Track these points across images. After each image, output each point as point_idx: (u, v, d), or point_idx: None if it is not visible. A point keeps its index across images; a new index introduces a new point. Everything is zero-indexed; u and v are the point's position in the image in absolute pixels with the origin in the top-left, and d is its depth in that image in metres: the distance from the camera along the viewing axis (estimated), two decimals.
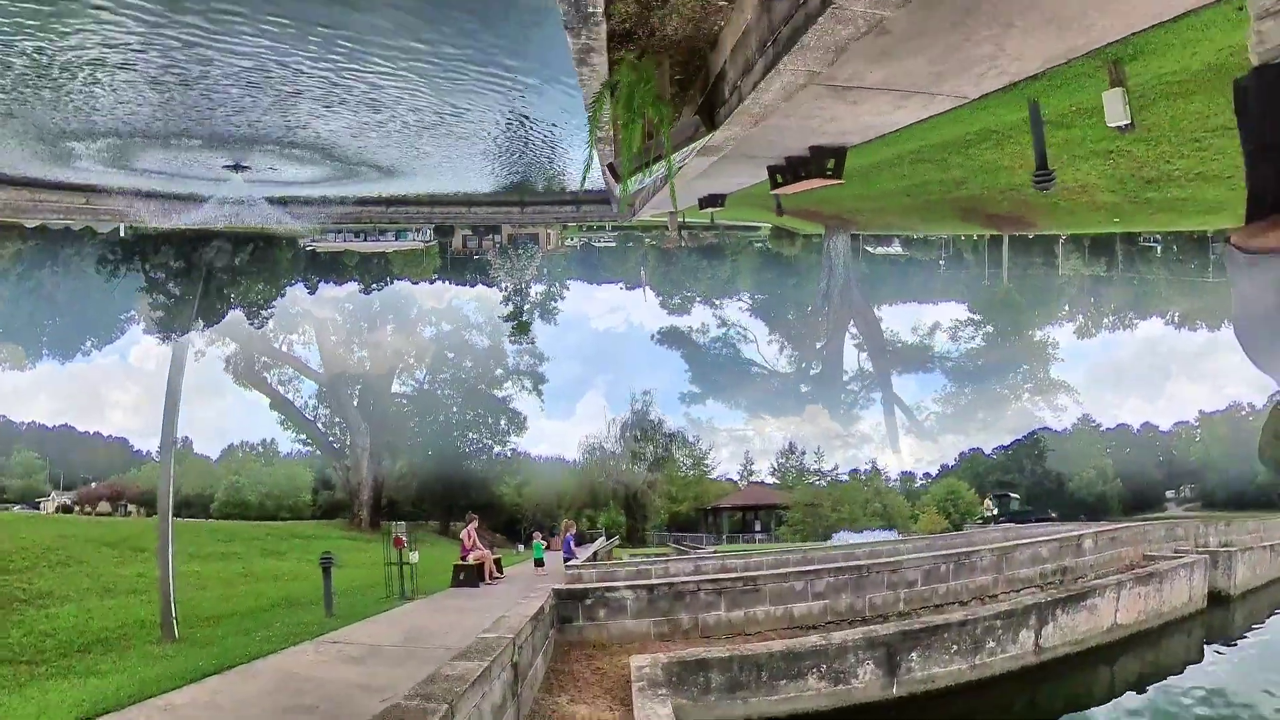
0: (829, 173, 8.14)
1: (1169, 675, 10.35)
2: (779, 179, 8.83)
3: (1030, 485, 46.77)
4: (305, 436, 50.81)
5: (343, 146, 12.13)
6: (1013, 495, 45.66)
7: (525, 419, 49.87)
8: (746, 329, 49.46)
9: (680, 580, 9.45)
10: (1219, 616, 13.50)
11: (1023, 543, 12.70)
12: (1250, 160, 0.75)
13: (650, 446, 46.23)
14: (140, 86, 9.72)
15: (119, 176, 14.22)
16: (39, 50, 9.32)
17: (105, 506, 42.12)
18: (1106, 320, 52.08)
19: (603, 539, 29.50)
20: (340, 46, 9.20)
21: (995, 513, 41.94)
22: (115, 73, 9.90)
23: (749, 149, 7.37)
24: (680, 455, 47.49)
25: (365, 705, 5.19)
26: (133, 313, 46.45)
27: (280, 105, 10.14)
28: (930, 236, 43.64)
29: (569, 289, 49.23)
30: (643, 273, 49.58)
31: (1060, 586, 11.91)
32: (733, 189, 12.46)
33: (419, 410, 49.83)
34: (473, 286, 49.88)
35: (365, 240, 39.29)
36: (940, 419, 48.13)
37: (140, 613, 11.72)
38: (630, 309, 58.83)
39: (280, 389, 50.27)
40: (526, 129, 13.35)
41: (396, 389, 51.43)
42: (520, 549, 31.41)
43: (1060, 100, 6.51)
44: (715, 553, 26.07)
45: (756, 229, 36.33)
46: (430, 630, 8.50)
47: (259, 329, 47.59)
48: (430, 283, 49.49)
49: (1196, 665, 11.02)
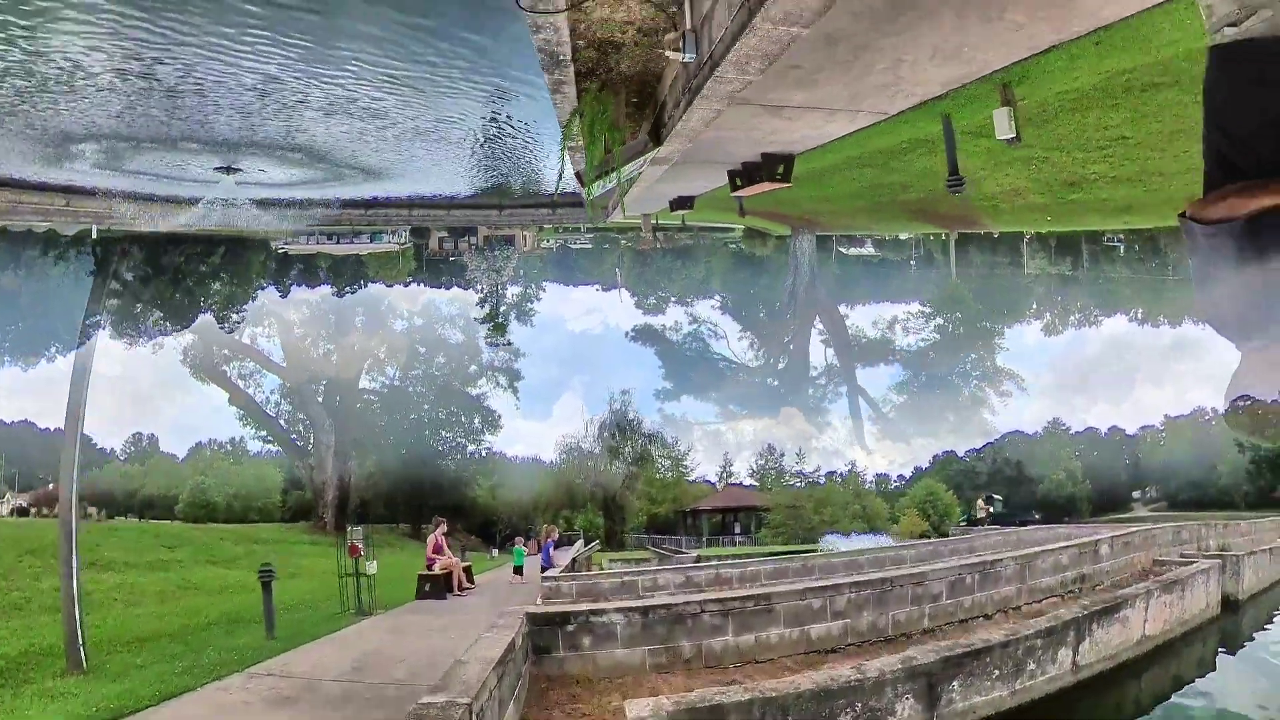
0: (779, 177, 9.20)
1: (1188, 686, 10.08)
2: (737, 182, 9.89)
3: (1004, 487, 48.57)
4: (266, 433, 48.74)
5: (332, 150, 12.82)
6: (996, 498, 47.43)
7: (500, 417, 49.10)
8: (717, 325, 51.35)
9: (681, 602, 8.01)
10: (1230, 622, 13.34)
11: (1045, 549, 11.95)
12: (1206, 135, 0.81)
13: (629, 445, 46.34)
14: (119, 93, 10.39)
15: (101, 178, 14.73)
16: (34, 54, 9.99)
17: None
18: (1073, 318, 54.36)
19: (580, 542, 28.52)
20: (329, 56, 10.00)
21: (991, 513, 42.68)
22: (99, 78, 10.57)
23: (707, 156, 8.36)
24: (659, 455, 47.84)
25: None
26: (98, 317, 45.96)
27: (277, 112, 10.88)
28: (901, 237, 45.68)
29: (545, 290, 49.70)
30: (618, 274, 50.56)
31: (1080, 596, 11.47)
32: (699, 191, 13.49)
33: (389, 407, 48.45)
34: (448, 289, 49.78)
35: (338, 242, 39.22)
36: (900, 409, 50.51)
37: (50, 636, 9.92)
38: (606, 311, 59.88)
39: (241, 383, 48.21)
40: (505, 132, 14.13)
41: (365, 385, 49.84)
42: (494, 554, 30.70)
43: (972, 114, 7.58)
44: (700, 559, 25.13)
45: (730, 230, 37.51)
46: (384, 656, 7.64)
47: (230, 332, 47.26)
48: (405, 285, 48.80)
49: (1214, 674, 10.79)
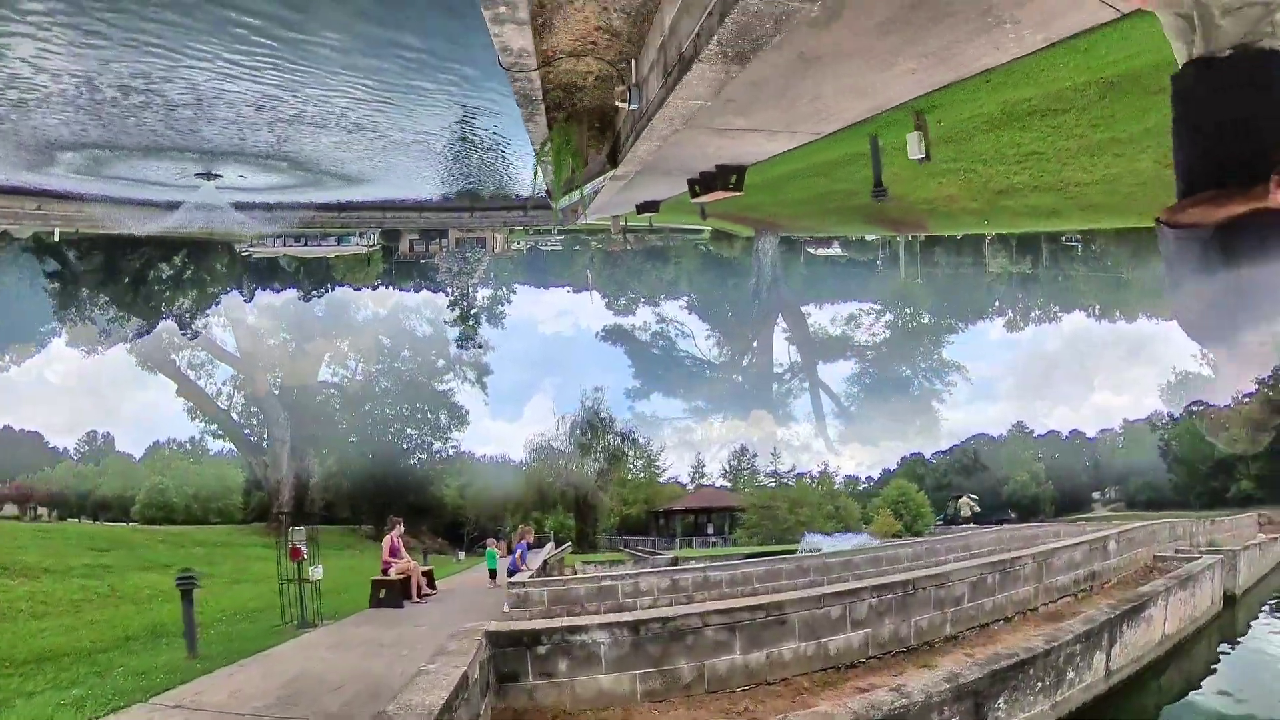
0: (732, 186, 10.25)
1: (1200, 683, 10.22)
2: (696, 190, 10.94)
3: (973, 489, 50.58)
4: (217, 427, 47.21)
5: (316, 159, 13.49)
6: (972, 496, 49.35)
7: (467, 414, 48.26)
8: (684, 325, 53.52)
9: (679, 615, 6.84)
10: (1228, 618, 13.60)
11: (1061, 546, 11.67)
12: (1176, 144, 0.89)
13: (601, 443, 46.15)
14: (122, 107, 11.05)
15: (79, 182, 15.19)
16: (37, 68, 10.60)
17: (11, 509, 38.49)
18: (1034, 315, 57.04)
19: (551, 545, 27.85)
20: (319, 74, 10.72)
21: (975, 512, 43.66)
22: (101, 91, 11.20)
23: (667, 168, 9.38)
24: (631, 455, 48.20)
25: None
26: (54, 325, 44.92)
27: (271, 124, 11.59)
28: (868, 239, 47.66)
29: (516, 293, 50.24)
30: (589, 276, 51.50)
31: (1091, 594, 11.42)
32: (663, 197, 14.53)
33: (350, 402, 46.77)
34: (417, 292, 49.43)
35: (305, 245, 39.20)
36: (860, 403, 53.39)
37: None
38: (578, 313, 60.93)
39: (190, 373, 46.36)
40: (477, 138, 14.87)
41: (325, 377, 47.96)
42: (461, 556, 29.71)
43: (897, 134, 8.72)
44: (677, 560, 24.32)
45: (699, 232, 38.72)
46: (320, 680, 6.67)
47: (192, 338, 46.53)
48: (373, 288, 48.23)
49: (1219, 668, 10.95)
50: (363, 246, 40.34)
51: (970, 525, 38.18)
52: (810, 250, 50.35)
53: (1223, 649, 12.01)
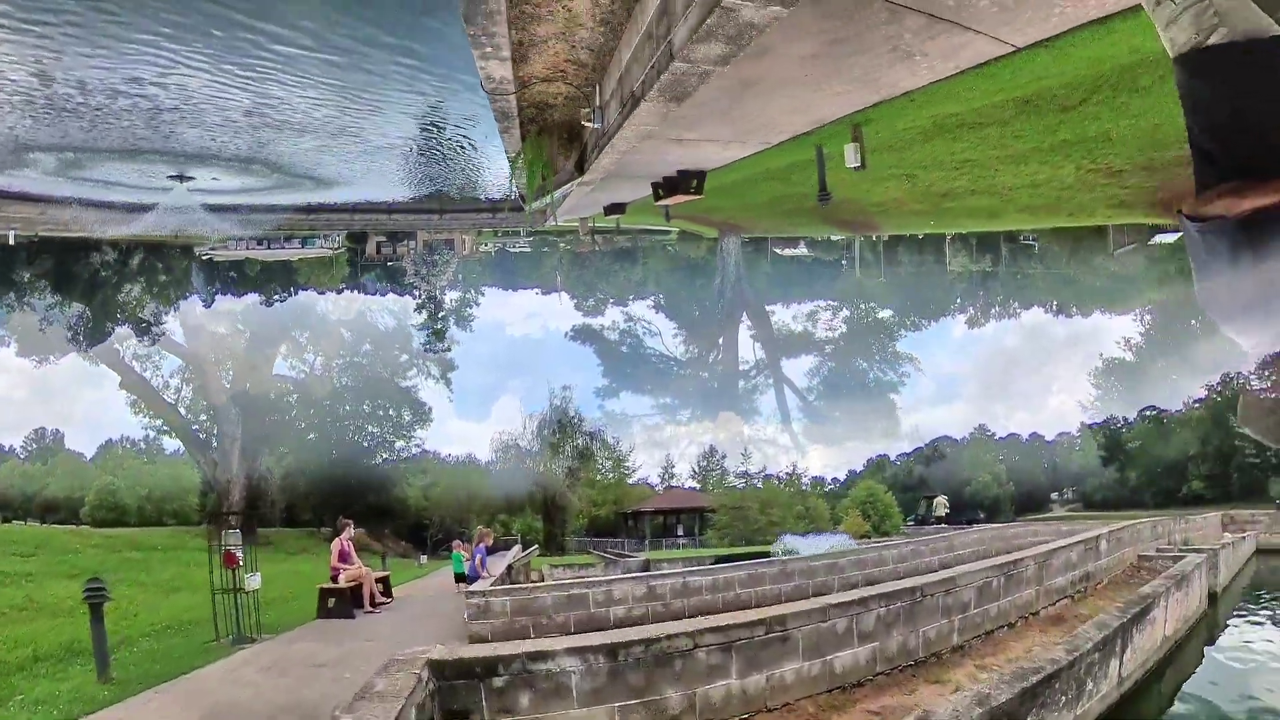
0: (693, 190, 11.15)
1: (1184, 684, 10.21)
2: (659, 193, 11.81)
3: (938, 489, 52.50)
4: (162, 422, 45.18)
5: (293, 162, 13.96)
6: (944, 497, 51.17)
7: (431, 410, 47.22)
8: (651, 324, 54.99)
9: (665, 635, 5.94)
10: (1212, 616, 13.86)
11: (1058, 547, 11.49)
12: (1191, 137, 0.86)
13: (570, 442, 45.96)
14: (110, 112, 11.46)
15: (48, 184, 15.40)
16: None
17: None
18: (994, 310, 59.63)
19: (518, 547, 27.04)
20: (267, 71, 11.11)
21: (946, 513, 44.89)
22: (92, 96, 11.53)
23: (632, 172, 10.21)
24: (600, 455, 48.33)
25: None
26: (2, 332, 43.65)
27: (256, 129, 12.06)
28: (834, 239, 49.43)
29: (484, 295, 50.43)
30: (558, 277, 52.19)
31: (1086, 595, 11.40)
32: (629, 199, 15.38)
33: (307, 397, 44.80)
34: (384, 295, 49.31)
35: (268, 248, 38.76)
36: (822, 395, 55.95)
37: None
38: (547, 315, 61.51)
39: (136, 365, 43.85)
40: (447, 140, 15.39)
41: (280, 370, 45.94)
42: (423, 560, 29.28)
43: (841, 144, 9.71)
44: (649, 563, 23.72)
45: (667, 233, 39.71)
46: (244, 713, 6.01)
47: (150, 345, 45.45)
48: (338, 292, 47.33)
49: (1205, 666, 11.03)
50: (328, 249, 40.02)
51: (943, 525, 39.31)
52: (777, 250, 51.84)
53: (1209, 647, 12.12)
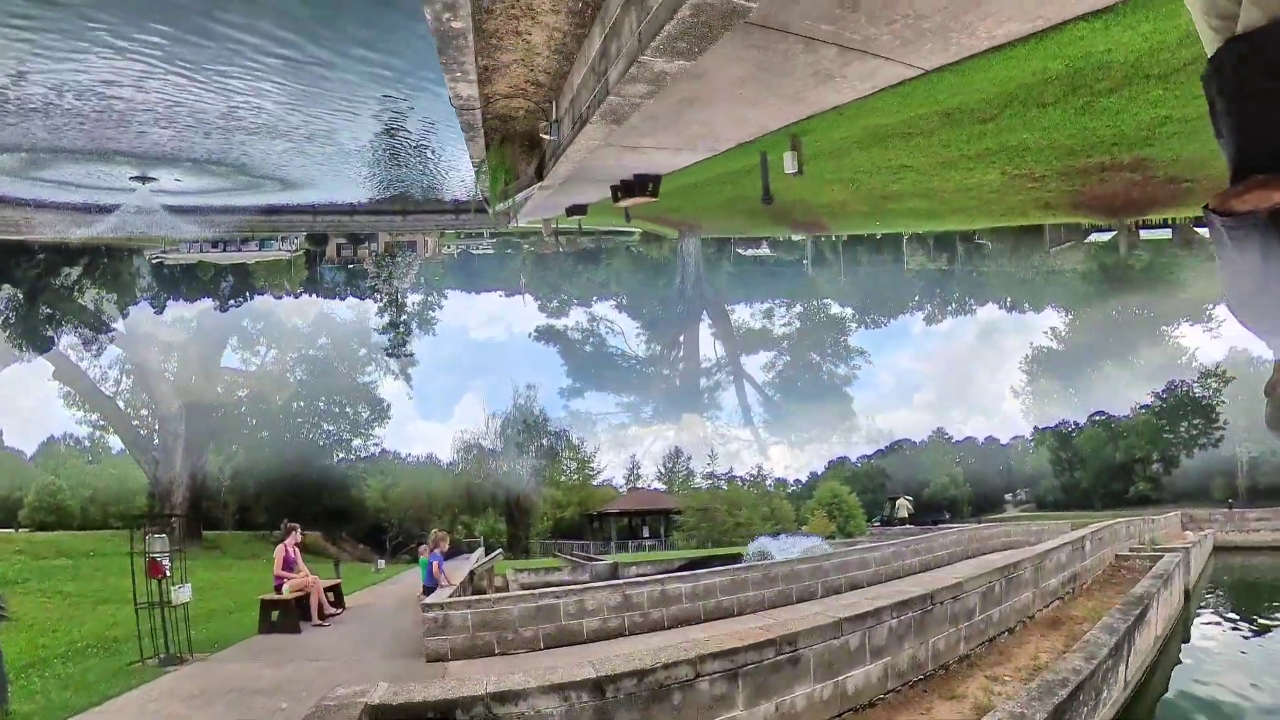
0: (650, 193, 11.97)
1: (1170, 680, 10.33)
2: (618, 195, 12.59)
3: (899, 490, 54.33)
4: (98, 416, 42.75)
5: (259, 164, 14.29)
6: (908, 498, 52.93)
7: (389, 407, 46.06)
8: (614, 323, 56.28)
9: (661, 665, 4.96)
10: (1187, 613, 14.18)
11: (1052, 548, 11.35)
12: (1217, 130, 0.86)
13: (535, 442, 45.61)
14: (76, 114, 11.74)
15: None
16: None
17: None
18: (951, 307, 62.19)
19: (481, 550, 25.76)
20: (231, 72, 11.47)
21: (910, 514, 46.28)
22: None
23: (591, 176, 10.96)
24: (565, 455, 48.44)
25: None
26: None
27: (225, 132, 12.41)
28: (795, 239, 51.14)
29: (447, 298, 50.30)
30: (522, 279, 52.66)
31: (1075, 596, 11.48)
32: (590, 201, 16.15)
33: (258, 393, 42.85)
34: (344, 299, 48.47)
35: (224, 250, 38.26)
36: (779, 389, 58.28)
37: None
38: (511, 318, 61.96)
39: (70, 354, 40.96)
40: (409, 141, 15.81)
41: (229, 363, 43.75)
42: (381, 565, 29.01)
43: (784, 151, 10.61)
44: (617, 566, 23.02)
45: (631, 234, 40.57)
46: None
47: (97, 355, 44.07)
48: (295, 296, 46.17)
49: (1186, 662, 11.20)
50: (285, 251, 39.62)
51: (908, 526, 40.27)
52: (740, 251, 53.23)
53: (1186, 644, 12.37)
